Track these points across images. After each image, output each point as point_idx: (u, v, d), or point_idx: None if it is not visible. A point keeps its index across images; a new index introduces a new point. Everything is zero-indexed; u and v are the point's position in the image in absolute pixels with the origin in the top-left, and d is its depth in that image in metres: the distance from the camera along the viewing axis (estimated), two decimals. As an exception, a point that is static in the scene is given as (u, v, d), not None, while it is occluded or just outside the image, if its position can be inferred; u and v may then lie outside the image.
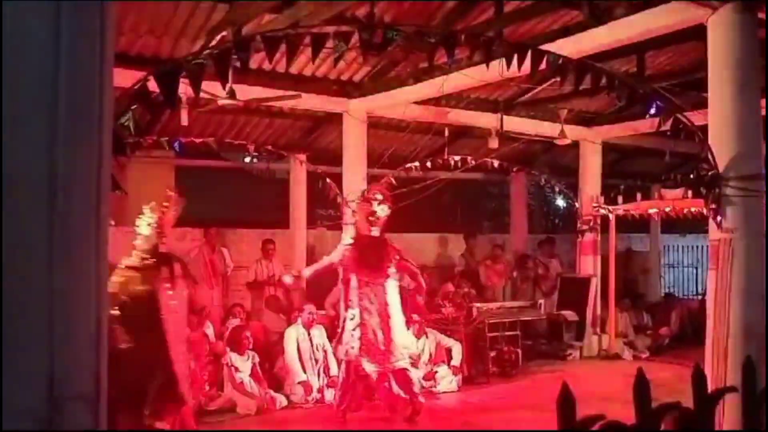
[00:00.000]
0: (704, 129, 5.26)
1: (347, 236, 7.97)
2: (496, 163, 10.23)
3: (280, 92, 7.75)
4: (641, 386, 1.39)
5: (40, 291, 1.22)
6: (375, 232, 6.91)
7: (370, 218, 6.84)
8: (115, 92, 4.18)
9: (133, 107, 3.74)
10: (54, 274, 1.22)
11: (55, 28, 1.27)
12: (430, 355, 8.36)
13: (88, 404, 1.28)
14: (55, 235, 1.23)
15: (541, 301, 10.33)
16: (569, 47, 6.06)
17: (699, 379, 1.45)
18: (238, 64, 4.11)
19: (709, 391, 1.50)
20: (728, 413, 2.97)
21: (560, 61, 5.01)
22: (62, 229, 1.24)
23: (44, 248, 1.22)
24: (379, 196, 6.83)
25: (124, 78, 4.24)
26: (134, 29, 6.92)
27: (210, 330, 7.99)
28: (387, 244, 6.97)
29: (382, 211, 6.88)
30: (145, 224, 6.57)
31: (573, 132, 10.23)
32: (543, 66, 5.00)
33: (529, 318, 9.73)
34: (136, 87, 3.75)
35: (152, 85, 3.86)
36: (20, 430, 1.19)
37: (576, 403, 1.32)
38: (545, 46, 5.67)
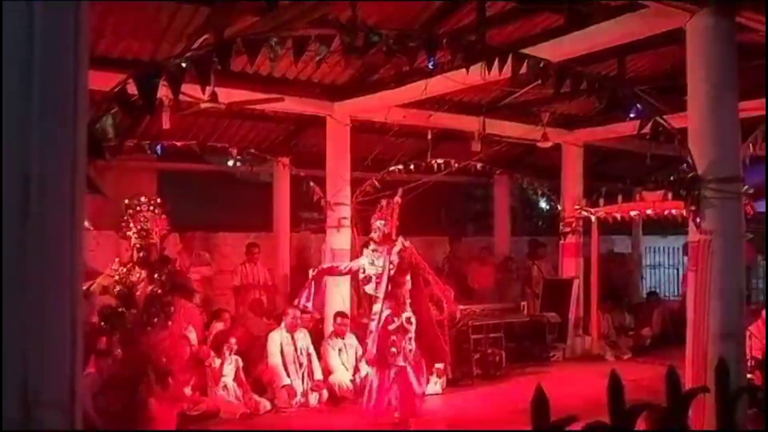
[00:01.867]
0: (684, 132, 5.32)
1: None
2: (479, 166, 10.27)
3: (263, 95, 7.74)
4: (615, 387, 1.40)
5: (13, 295, 1.21)
6: None
7: (375, 233, 6.99)
8: (96, 96, 4.16)
9: (112, 110, 3.71)
10: (27, 279, 1.21)
11: (28, 28, 1.27)
12: (414, 357, 8.36)
13: (63, 410, 1.27)
14: (29, 239, 1.22)
15: (524, 303, 10.38)
16: (550, 51, 6.11)
17: (673, 379, 1.46)
18: (219, 67, 4.09)
19: (686, 390, 1.51)
20: (708, 412, 2.99)
21: (541, 65, 5.04)
22: (36, 232, 1.23)
23: (17, 251, 1.21)
24: (380, 223, 6.94)
25: (105, 81, 4.20)
26: (115, 32, 6.87)
27: (192, 335, 7.94)
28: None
29: (382, 225, 6.97)
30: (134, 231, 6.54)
31: (555, 135, 10.31)
32: (524, 70, 5.03)
33: (513, 320, 9.77)
34: (115, 90, 3.72)
35: (132, 88, 3.83)
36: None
37: (549, 405, 1.33)
38: (527, 50, 5.71)
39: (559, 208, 11.15)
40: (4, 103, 1.26)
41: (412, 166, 9.77)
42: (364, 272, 6.95)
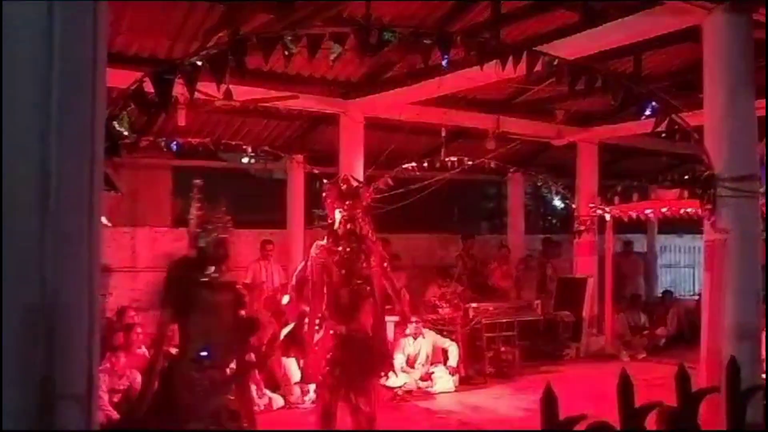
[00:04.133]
0: (700, 130, 5.27)
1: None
2: (493, 164, 10.24)
3: (277, 93, 7.77)
4: (625, 386, 1.40)
5: (32, 292, 1.23)
6: None
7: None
8: (112, 93, 4.20)
9: (128, 108, 3.74)
10: (46, 275, 1.23)
11: (47, 28, 1.28)
12: (427, 355, 8.37)
13: (81, 404, 1.29)
14: (48, 235, 1.24)
15: (537, 301, 10.34)
16: (565, 48, 6.08)
17: (683, 378, 1.46)
18: (234, 64, 4.12)
19: (697, 389, 1.51)
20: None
21: (555, 63, 5.02)
22: (55, 229, 1.25)
23: (37, 248, 1.23)
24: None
25: (121, 78, 4.24)
26: (131, 29, 6.92)
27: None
28: None
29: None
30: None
31: (570, 132, 10.27)
32: (538, 67, 5.01)
33: (526, 318, 9.74)
34: (131, 88, 3.75)
35: (148, 86, 3.86)
36: (13, 429, 1.20)
37: (558, 403, 1.34)
38: (542, 47, 5.69)
39: (574, 206, 11.09)
40: (24, 102, 1.28)
41: (425, 164, 9.76)
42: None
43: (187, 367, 4.46)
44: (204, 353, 4.44)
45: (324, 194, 5.94)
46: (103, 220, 1.44)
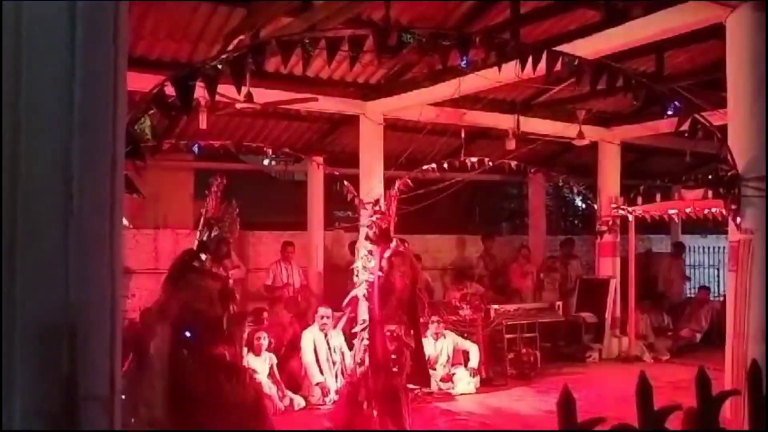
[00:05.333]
0: (723, 129, 5.20)
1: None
2: (513, 164, 10.19)
3: (297, 95, 7.81)
4: (643, 388, 1.38)
5: (54, 293, 1.25)
6: None
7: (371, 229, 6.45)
8: (134, 96, 4.25)
9: (151, 111, 3.79)
10: (69, 277, 1.25)
11: (69, 31, 1.30)
12: (448, 357, 8.36)
13: (103, 405, 1.30)
14: (70, 238, 1.26)
15: (559, 302, 10.27)
16: (587, 47, 6.03)
17: (703, 380, 1.44)
18: (254, 68, 4.15)
19: (717, 392, 1.49)
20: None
21: (576, 62, 4.99)
22: (77, 231, 1.26)
23: (59, 251, 1.25)
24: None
25: (144, 82, 4.29)
26: (153, 33, 7.00)
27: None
28: None
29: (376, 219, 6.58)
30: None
31: (591, 132, 10.17)
32: (558, 67, 4.98)
33: (548, 320, 9.68)
34: (153, 92, 3.80)
35: (170, 90, 3.91)
36: (35, 430, 1.21)
37: (576, 404, 1.33)
38: (563, 47, 5.65)
39: (596, 206, 11.00)
40: (47, 106, 1.30)
41: (445, 165, 9.73)
42: (356, 275, 6.18)
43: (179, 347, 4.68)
44: (187, 333, 4.67)
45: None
46: (124, 221, 1.46)
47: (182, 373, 4.69)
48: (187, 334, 4.78)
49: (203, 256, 4.95)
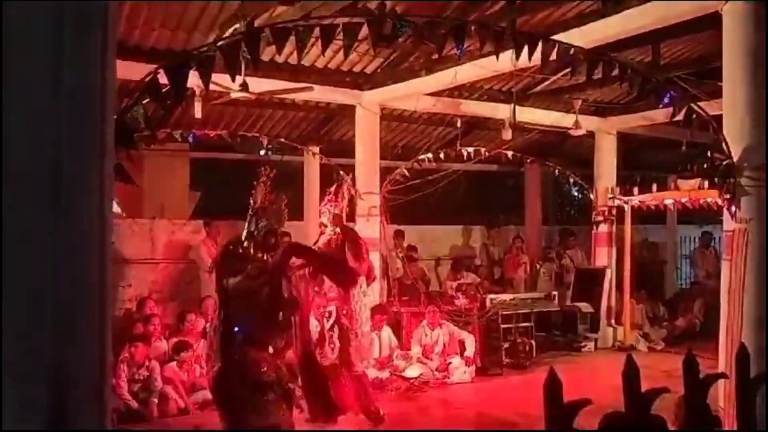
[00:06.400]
0: (720, 119, 5.20)
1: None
2: (510, 155, 10.19)
3: (292, 85, 7.78)
4: (630, 372, 1.39)
5: (44, 283, 1.24)
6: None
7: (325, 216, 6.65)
8: (129, 85, 4.22)
9: (144, 101, 3.77)
10: (58, 265, 1.25)
11: (57, 19, 1.29)
12: (444, 346, 8.38)
13: (93, 393, 1.31)
14: (59, 226, 1.26)
15: (555, 292, 10.30)
16: (583, 37, 6.02)
17: (691, 365, 1.45)
18: (248, 56, 4.13)
19: (704, 376, 1.50)
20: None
21: (571, 52, 4.97)
22: (66, 220, 1.26)
23: (48, 239, 1.25)
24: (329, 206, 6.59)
25: (139, 71, 4.26)
26: (148, 22, 6.96)
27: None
28: None
29: (331, 209, 6.63)
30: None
31: (588, 122, 10.17)
32: (554, 56, 4.97)
33: (543, 309, 9.71)
34: (146, 80, 3.78)
35: (163, 78, 3.88)
36: (26, 420, 1.21)
37: (563, 388, 1.33)
38: (559, 36, 5.63)
39: (592, 196, 11.01)
40: (34, 94, 1.29)
41: (441, 155, 9.74)
42: None
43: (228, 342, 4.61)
44: (237, 329, 4.58)
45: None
46: (115, 207, 1.45)
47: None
48: (236, 329, 4.67)
49: (246, 244, 4.84)
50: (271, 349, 4.88)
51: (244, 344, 4.66)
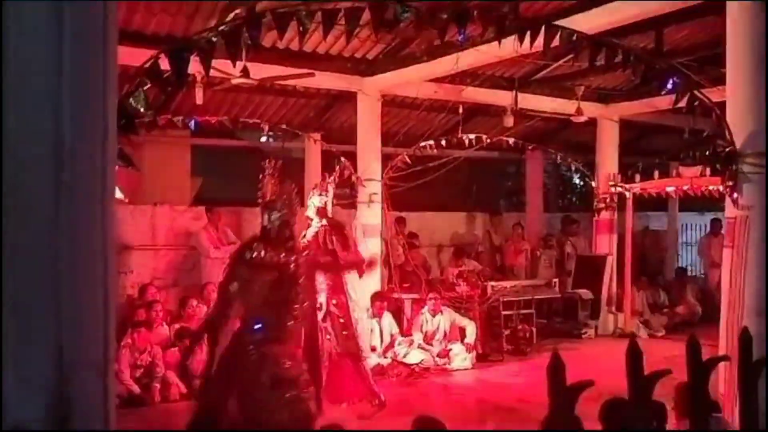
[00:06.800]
0: (723, 105, 5.17)
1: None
2: (511, 141, 10.16)
3: (294, 70, 7.75)
4: (633, 354, 1.39)
5: (47, 262, 1.25)
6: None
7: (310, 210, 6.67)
8: (130, 70, 4.20)
9: (145, 86, 3.75)
10: (61, 247, 1.25)
11: (58, 2, 1.29)
12: (445, 333, 8.41)
13: (97, 373, 1.31)
14: (62, 208, 1.26)
15: (556, 279, 10.32)
16: (586, 23, 5.98)
17: (693, 348, 1.45)
18: (249, 42, 4.10)
19: (706, 359, 1.50)
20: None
21: (574, 37, 4.94)
22: (68, 201, 1.26)
23: (51, 218, 1.25)
24: (315, 200, 6.64)
25: (140, 57, 4.24)
26: (148, 8, 6.92)
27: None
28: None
29: (317, 202, 6.68)
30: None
31: (590, 109, 10.14)
32: (556, 42, 4.94)
33: (544, 296, 9.73)
34: (146, 65, 3.76)
35: (164, 63, 3.87)
36: (29, 401, 1.22)
37: (566, 370, 1.34)
38: (562, 22, 5.59)
39: (593, 184, 11.00)
40: (36, 78, 1.28)
41: (443, 142, 9.71)
42: None
43: (245, 341, 4.53)
44: (257, 326, 4.50)
45: None
46: (117, 192, 1.45)
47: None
48: (256, 327, 4.56)
49: (254, 247, 4.71)
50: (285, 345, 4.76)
51: (264, 341, 4.56)
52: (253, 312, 4.61)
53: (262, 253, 4.64)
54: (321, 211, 6.51)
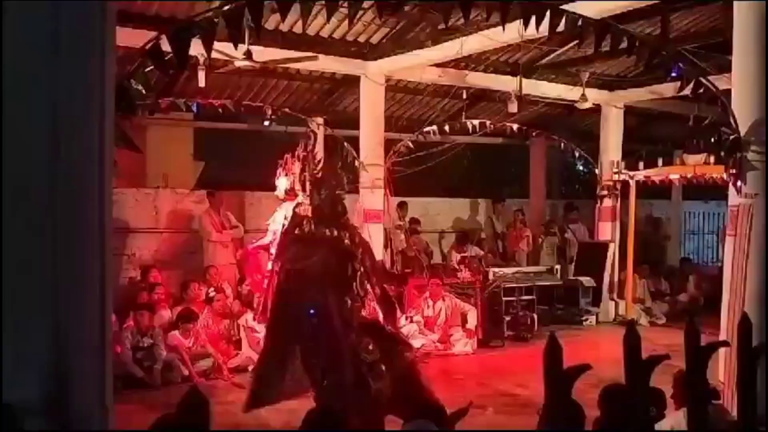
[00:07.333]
0: (728, 93, 5.13)
1: None
2: (515, 127, 10.12)
3: (297, 54, 7.71)
4: (631, 340, 1.39)
5: (44, 245, 1.24)
6: None
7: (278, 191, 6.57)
8: (133, 52, 4.17)
9: (146, 68, 3.73)
10: (58, 226, 1.24)
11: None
12: (446, 318, 8.43)
13: (94, 354, 1.31)
14: (59, 190, 1.25)
15: (557, 266, 10.32)
16: (592, 8, 5.92)
17: (692, 334, 1.45)
18: (252, 24, 4.08)
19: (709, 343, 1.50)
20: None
21: (579, 22, 4.90)
22: (65, 184, 1.25)
23: (48, 203, 1.24)
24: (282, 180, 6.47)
25: (142, 38, 4.22)
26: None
27: (228, 290, 8.13)
28: None
29: (285, 182, 6.51)
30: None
31: (594, 95, 10.08)
32: (561, 27, 4.89)
33: (546, 283, 9.73)
34: (147, 47, 3.74)
35: (166, 45, 3.85)
36: (26, 379, 1.22)
37: (563, 353, 1.33)
38: (567, 6, 5.54)
39: (597, 171, 10.96)
40: (33, 59, 1.27)
41: (446, 127, 9.67)
42: (274, 235, 6.43)
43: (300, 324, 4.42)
44: (311, 311, 4.38)
45: None
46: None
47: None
48: (311, 311, 4.43)
49: (304, 223, 4.59)
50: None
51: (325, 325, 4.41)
52: (310, 293, 4.46)
53: (314, 228, 4.52)
54: (289, 193, 6.30)
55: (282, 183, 6.47)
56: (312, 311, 4.42)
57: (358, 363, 4.39)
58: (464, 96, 10.05)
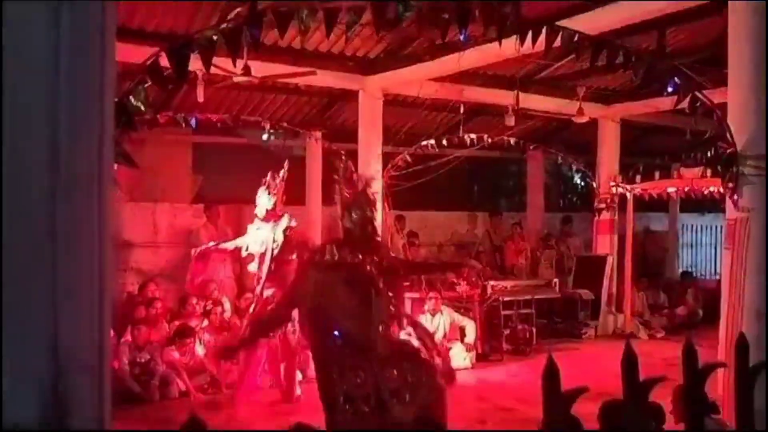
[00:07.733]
0: (724, 107, 5.16)
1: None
2: (512, 141, 10.16)
3: (295, 69, 7.74)
4: (629, 359, 1.39)
5: (42, 262, 1.24)
6: None
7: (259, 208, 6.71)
8: (131, 68, 4.20)
9: (145, 84, 3.75)
10: (57, 242, 1.24)
11: (56, 2, 1.28)
12: (444, 332, 8.41)
13: (92, 373, 1.31)
14: (58, 205, 1.25)
15: (556, 279, 10.31)
16: (588, 23, 5.97)
17: (690, 353, 1.45)
18: (250, 40, 4.10)
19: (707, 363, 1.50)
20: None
21: (576, 38, 4.94)
22: (64, 199, 1.26)
23: (47, 215, 1.24)
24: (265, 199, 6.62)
25: (141, 54, 4.24)
26: (150, 6, 6.92)
27: (226, 304, 8.11)
28: None
29: (267, 202, 6.66)
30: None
31: (591, 109, 10.13)
32: (557, 43, 4.93)
33: (544, 296, 9.72)
34: (147, 63, 3.76)
35: (164, 61, 3.86)
36: (25, 399, 1.22)
37: (560, 377, 1.34)
38: (564, 22, 5.58)
39: (594, 184, 11.00)
40: (32, 72, 1.28)
41: (444, 141, 9.70)
42: (247, 250, 6.63)
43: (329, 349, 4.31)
44: (336, 333, 4.27)
45: None
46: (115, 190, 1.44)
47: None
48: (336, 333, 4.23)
49: (333, 249, 4.46)
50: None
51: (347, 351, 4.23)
52: (338, 319, 4.27)
53: (342, 254, 4.35)
54: (270, 213, 6.40)
55: (263, 201, 6.47)
56: (337, 334, 4.30)
57: (380, 389, 4.24)
58: (461, 110, 10.09)
